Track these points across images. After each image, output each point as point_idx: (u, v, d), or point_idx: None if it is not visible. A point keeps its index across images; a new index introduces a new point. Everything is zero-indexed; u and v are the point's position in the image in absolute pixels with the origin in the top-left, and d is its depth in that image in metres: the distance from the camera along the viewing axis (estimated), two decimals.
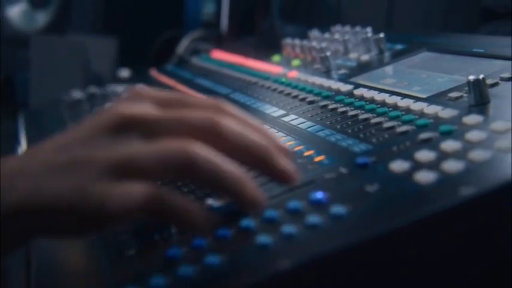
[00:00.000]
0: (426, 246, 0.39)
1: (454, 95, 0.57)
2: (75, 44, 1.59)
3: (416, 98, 0.60)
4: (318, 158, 0.53)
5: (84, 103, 1.10)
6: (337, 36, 0.97)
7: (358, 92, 0.68)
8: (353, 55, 0.89)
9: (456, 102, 0.56)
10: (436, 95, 0.60)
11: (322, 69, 0.85)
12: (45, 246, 0.51)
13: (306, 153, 0.54)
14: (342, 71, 0.82)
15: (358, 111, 0.61)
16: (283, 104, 0.74)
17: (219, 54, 1.29)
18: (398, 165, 0.45)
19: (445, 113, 0.53)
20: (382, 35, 0.86)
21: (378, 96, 0.64)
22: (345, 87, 0.72)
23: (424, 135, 0.49)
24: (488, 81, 0.56)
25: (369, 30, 0.93)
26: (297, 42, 1.01)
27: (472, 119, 0.49)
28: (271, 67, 0.98)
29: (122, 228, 0.48)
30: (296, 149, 0.57)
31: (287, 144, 0.59)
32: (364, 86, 0.70)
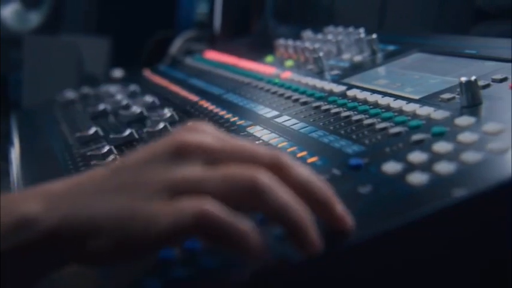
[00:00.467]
0: (418, 248, 0.39)
1: (446, 96, 0.57)
2: (68, 44, 1.59)
3: (409, 99, 0.60)
4: (310, 160, 0.53)
5: (76, 103, 1.10)
6: (330, 37, 0.97)
7: (351, 93, 0.69)
8: (346, 56, 0.89)
9: (448, 103, 0.56)
10: (428, 96, 0.60)
11: (315, 70, 0.86)
12: None
13: (299, 155, 0.55)
14: (335, 72, 0.82)
15: (351, 113, 0.61)
16: (276, 105, 0.74)
17: (212, 55, 1.29)
18: (391, 167, 0.45)
19: (438, 114, 0.53)
20: (374, 36, 0.86)
21: (371, 97, 0.65)
22: (337, 88, 0.73)
23: (416, 137, 0.49)
24: (480, 83, 0.56)
25: (361, 31, 0.93)
26: (290, 43, 1.01)
27: (464, 120, 0.49)
28: (265, 68, 0.98)
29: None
30: (289, 150, 0.57)
31: (280, 145, 0.59)
32: (357, 87, 0.71)
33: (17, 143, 0.96)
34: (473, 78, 0.53)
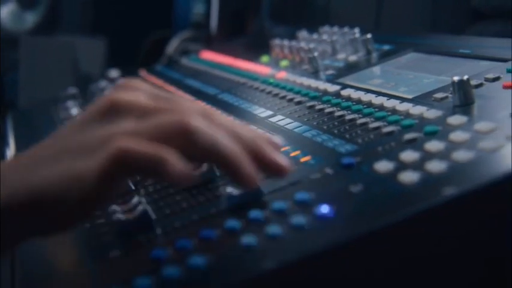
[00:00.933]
0: (409, 246, 0.39)
1: (439, 95, 0.57)
2: (64, 45, 1.58)
3: (402, 99, 0.60)
4: (304, 159, 0.53)
5: (72, 104, 1.10)
6: (325, 37, 0.97)
7: (345, 93, 0.69)
8: (341, 56, 0.89)
9: (441, 102, 0.56)
10: (422, 96, 0.60)
11: (310, 69, 0.86)
12: (29, 246, 0.51)
13: (292, 154, 0.55)
14: (329, 72, 0.82)
15: (345, 112, 0.62)
16: (271, 105, 0.74)
17: (208, 55, 1.29)
18: (383, 166, 0.45)
19: (430, 113, 0.53)
20: (369, 36, 0.86)
21: (365, 96, 0.65)
22: (332, 88, 0.73)
23: (408, 136, 0.49)
24: (473, 82, 0.57)
25: (356, 31, 0.93)
26: (285, 43, 1.01)
27: (456, 119, 0.50)
28: (260, 68, 0.98)
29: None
30: (283, 149, 0.57)
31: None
32: (351, 87, 0.71)
33: (12, 144, 0.96)
34: (465, 77, 0.53)
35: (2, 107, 1.59)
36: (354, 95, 0.67)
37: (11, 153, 0.90)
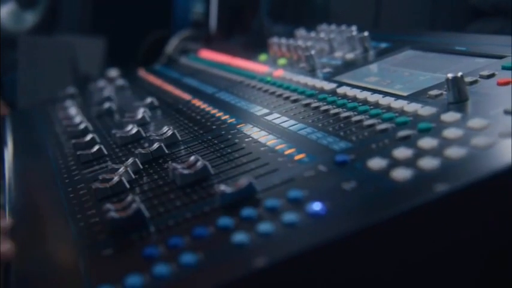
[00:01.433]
0: (401, 243, 0.39)
1: (434, 92, 0.57)
2: (63, 44, 1.58)
3: (397, 96, 0.60)
4: (298, 156, 0.53)
5: (71, 103, 1.10)
6: (322, 35, 0.97)
7: (341, 91, 0.69)
8: (338, 54, 0.89)
9: (436, 99, 0.56)
10: (417, 93, 0.60)
11: (307, 68, 0.86)
12: (23, 244, 0.51)
13: (287, 152, 0.55)
14: (326, 70, 0.82)
15: (340, 110, 0.61)
16: (267, 103, 0.74)
17: (207, 54, 1.29)
18: (376, 163, 0.45)
19: (425, 110, 0.53)
20: (366, 34, 0.86)
21: (360, 94, 0.65)
22: (328, 86, 0.72)
23: (402, 133, 0.49)
24: (468, 79, 0.56)
25: (354, 29, 0.93)
26: (283, 41, 1.01)
27: (450, 116, 0.49)
28: (258, 66, 0.98)
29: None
30: (277, 147, 0.57)
31: (269, 142, 0.59)
32: (347, 85, 0.70)
33: (10, 144, 0.96)
34: (459, 74, 0.53)
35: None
36: (350, 92, 0.67)
37: (8, 154, 0.90)
